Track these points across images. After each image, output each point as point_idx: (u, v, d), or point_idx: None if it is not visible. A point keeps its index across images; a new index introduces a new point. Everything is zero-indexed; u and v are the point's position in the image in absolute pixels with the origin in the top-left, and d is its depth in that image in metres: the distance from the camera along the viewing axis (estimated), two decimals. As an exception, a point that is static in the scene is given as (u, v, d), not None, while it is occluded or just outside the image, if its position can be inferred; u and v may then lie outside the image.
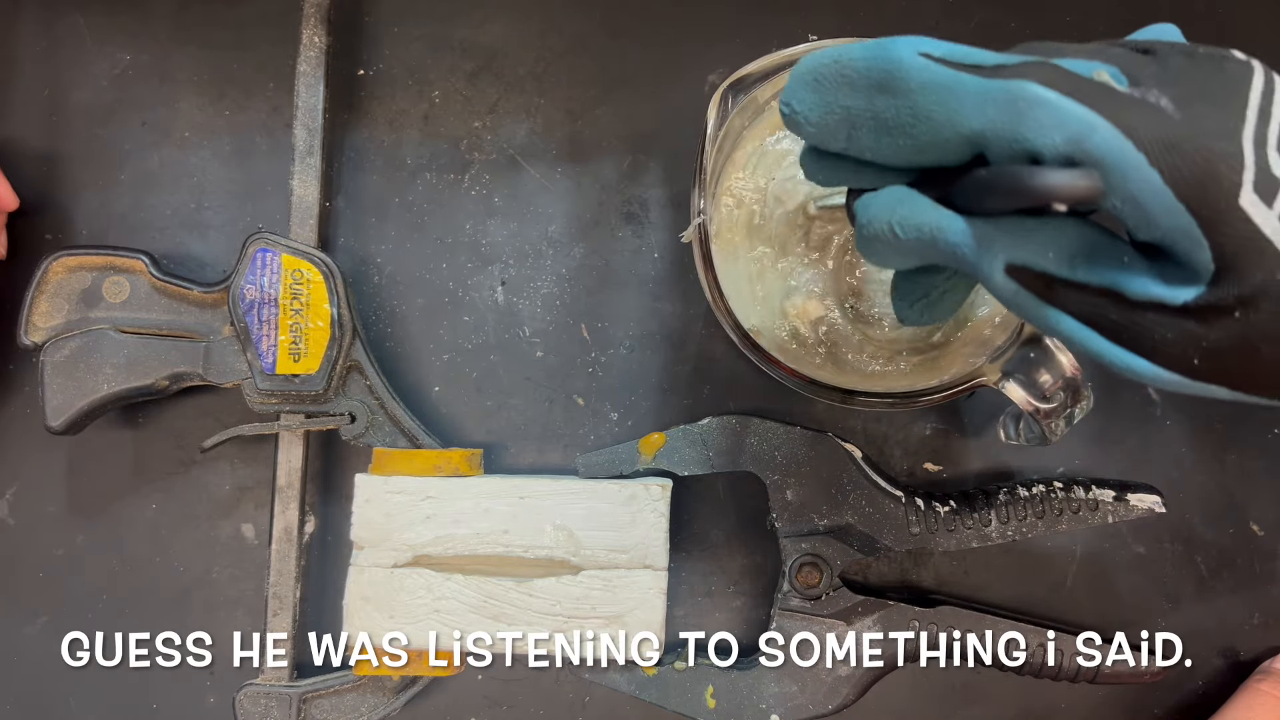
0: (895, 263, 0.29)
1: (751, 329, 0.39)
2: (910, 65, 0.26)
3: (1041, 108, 0.24)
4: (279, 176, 0.47)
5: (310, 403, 0.43)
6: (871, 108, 0.27)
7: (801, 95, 0.28)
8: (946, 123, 0.25)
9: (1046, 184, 0.23)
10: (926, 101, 0.26)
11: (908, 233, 0.27)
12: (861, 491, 0.43)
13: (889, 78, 0.26)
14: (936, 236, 0.26)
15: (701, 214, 0.37)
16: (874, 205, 0.28)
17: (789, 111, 0.29)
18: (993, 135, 0.25)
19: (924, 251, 0.27)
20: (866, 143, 0.27)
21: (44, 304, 0.43)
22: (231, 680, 0.46)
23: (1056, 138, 0.24)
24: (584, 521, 0.42)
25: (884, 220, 0.27)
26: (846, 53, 0.27)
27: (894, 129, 0.26)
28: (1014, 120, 0.24)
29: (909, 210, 0.27)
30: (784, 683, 0.42)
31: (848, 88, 0.27)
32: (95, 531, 0.47)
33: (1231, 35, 0.48)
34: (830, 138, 0.28)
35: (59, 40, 0.48)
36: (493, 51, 0.48)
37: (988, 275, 0.26)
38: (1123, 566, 0.46)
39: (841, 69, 0.27)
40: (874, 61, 0.27)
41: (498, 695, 0.46)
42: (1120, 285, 0.25)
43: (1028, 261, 0.25)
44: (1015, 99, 0.24)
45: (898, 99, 0.26)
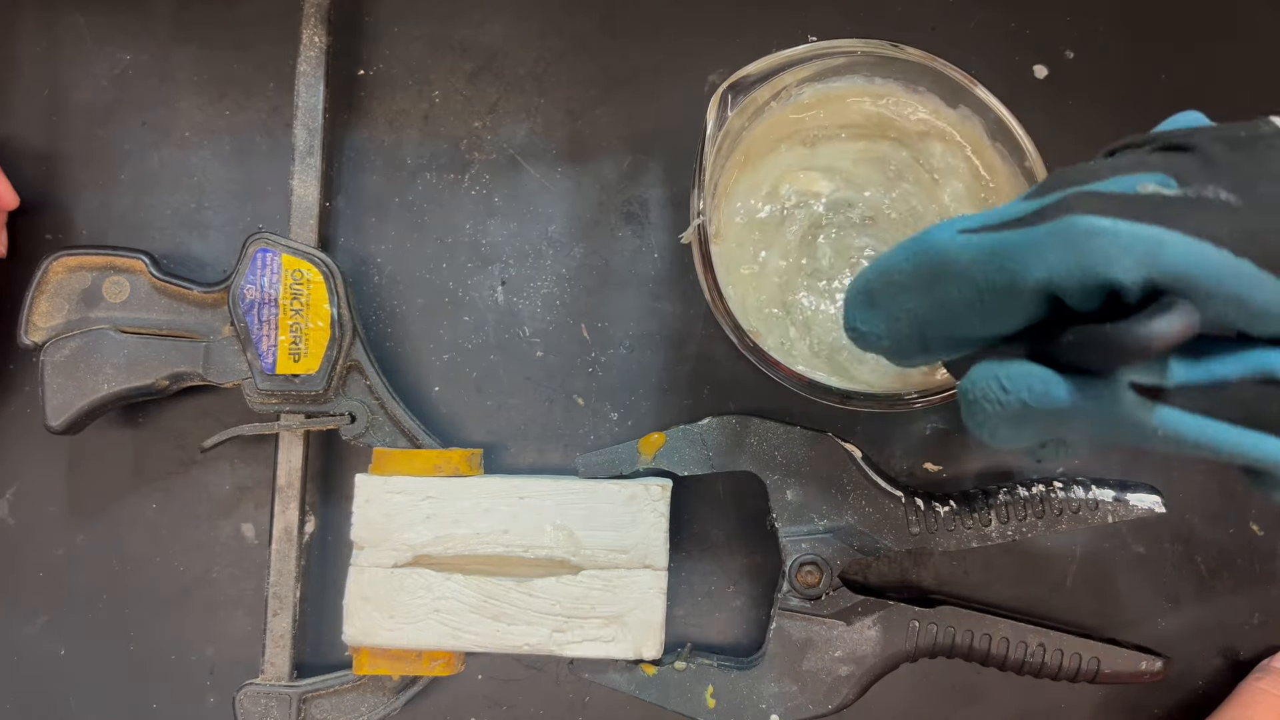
0: (1012, 433, 0.26)
1: (751, 329, 0.39)
2: (951, 246, 0.25)
3: (1100, 237, 0.23)
4: (279, 176, 0.47)
5: (310, 403, 0.43)
6: (933, 301, 0.26)
7: (862, 315, 0.28)
8: (1010, 285, 0.24)
9: (1147, 335, 0.22)
10: (983, 274, 0.25)
11: (1016, 386, 0.25)
12: (861, 491, 0.43)
13: (938, 268, 0.26)
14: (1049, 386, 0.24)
15: (701, 214, 0.37)
16: (977, 372, 0.26)
17: (856, 336, 0.28)
18: (1061, 280, 0.23)
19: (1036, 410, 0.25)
20: (943, 332, 0.27)
21: (44, 304, 0.43)
22: (231, 680, 0.46)
23: (1128, 263, 0.22)
24: (584, 521, 0.42)
25: (990, 379, 0.25)
26: (889, 261, 0.27)
27: (964, 311, 0.26)
28: (1076, 257, 0.23)
29: (1014, 369, 0.25)
30: (784, 683, 0.42)
31: (904, 293, 0.27)
32: (95, 531, 0.47)
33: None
34: (905, 342, 0.28)
35: (59, 40, 0.48)
36: (493, 51, 0.48)
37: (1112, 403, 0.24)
38: (1123, 566, 0.46)
39: (889, 278, 0.27)
40: (917, 258, 0.26)
41: (498, 695, 0.46)
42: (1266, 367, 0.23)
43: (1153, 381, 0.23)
44: (1069, 236, 0.23)
45: (955, 284, 0.25)
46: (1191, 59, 0.48)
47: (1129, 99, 0.48)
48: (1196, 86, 0.48)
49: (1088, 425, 0.25)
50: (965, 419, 0.27)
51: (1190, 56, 0.48)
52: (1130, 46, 0.48)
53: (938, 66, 0.40)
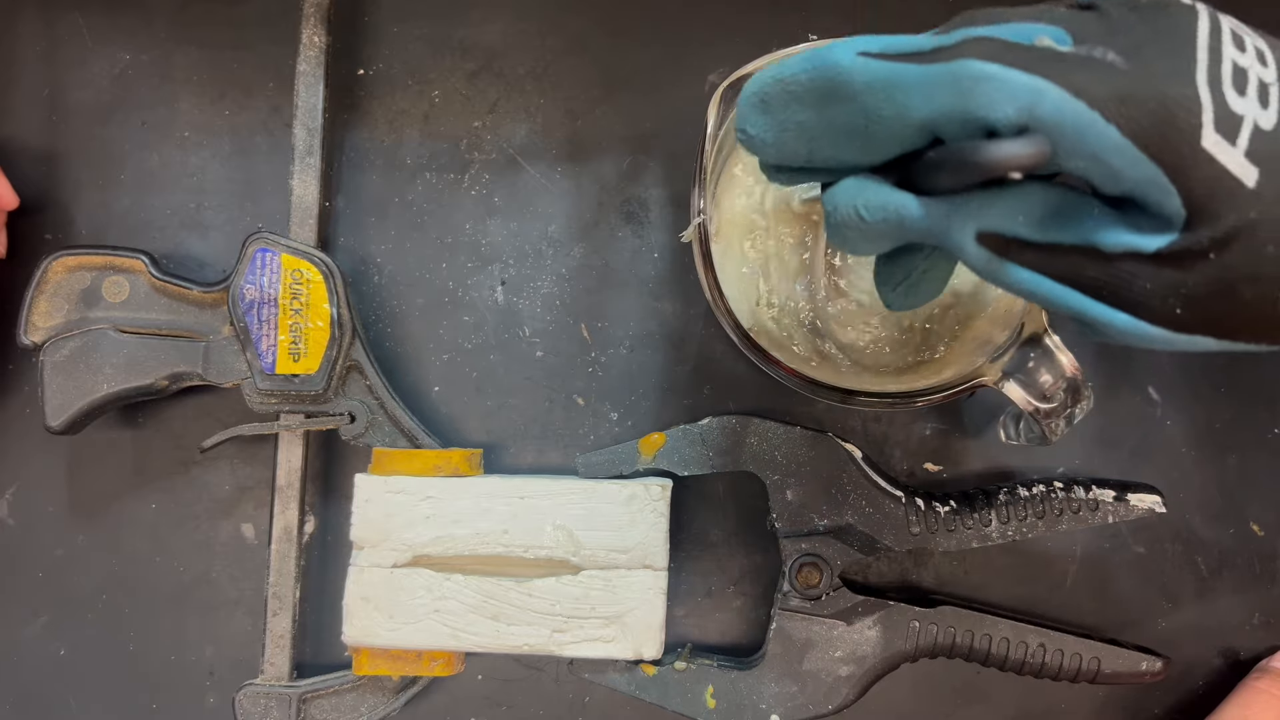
0: (867, 248, 0.29)
1: (751, 329, 0.39)
2: (850, 68, 0.26)
3: (987, 82, 0.24)
4: (279, 176, 0.47)
5: (310, 403, 0.43)
6: (825, 118, 0.27)
7: (753, 119, 0.28)
8: (897, 117, 0.25)
9: (993, 156, 0.23)
10: (874, 101, 0.26)
11: (873, 214, 0.27)
12: (861, 491, 0.43)
13: (832, 85, 0.26)
14: (901, 215, 0.26)
15: (701, 214, 0.37)
16: (838, 194, 0.28)
17: (744, 138, 0.29)
18: (943, 119, 0.25)
19: (892, 233, 0.27)
20: (828, 152, 0.28)
21: (44, 304, 0.43)
22: (231, 680, 0.46)
23: (1009, 110, 0.24)
24: (584, 521, 0.42)
25: (849, 205, 0.27)
26: (788, 69, 0.27)
27: (850, 133, 0.27)
28: (961, 100, 0.24)
29: (871, 194, 0.27)
30: (784, 683, 0.42)
31: (796, 103, 0.27)
32: (95, 531, 0.47)
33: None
34: (791, 154, 0.28)
35: (59, 40, 0.48)
36: (493, 51, 0.48)
37: (959, 246, 0.26)
38: (1123, 566, 0.46)
39: (786, 86, 0.27)
40: (815, 72, 0.27)
41: (498, 695, 0.46)
42: (1094, 239, 0.25)
43: (997, 228, 0.25)
44: (959, 79, 0.24)
45: (846, 104, 0.26)
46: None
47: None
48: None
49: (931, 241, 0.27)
50: (828, 233, 0.29)
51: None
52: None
53: (937, 66, 0.40)
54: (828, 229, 0.29)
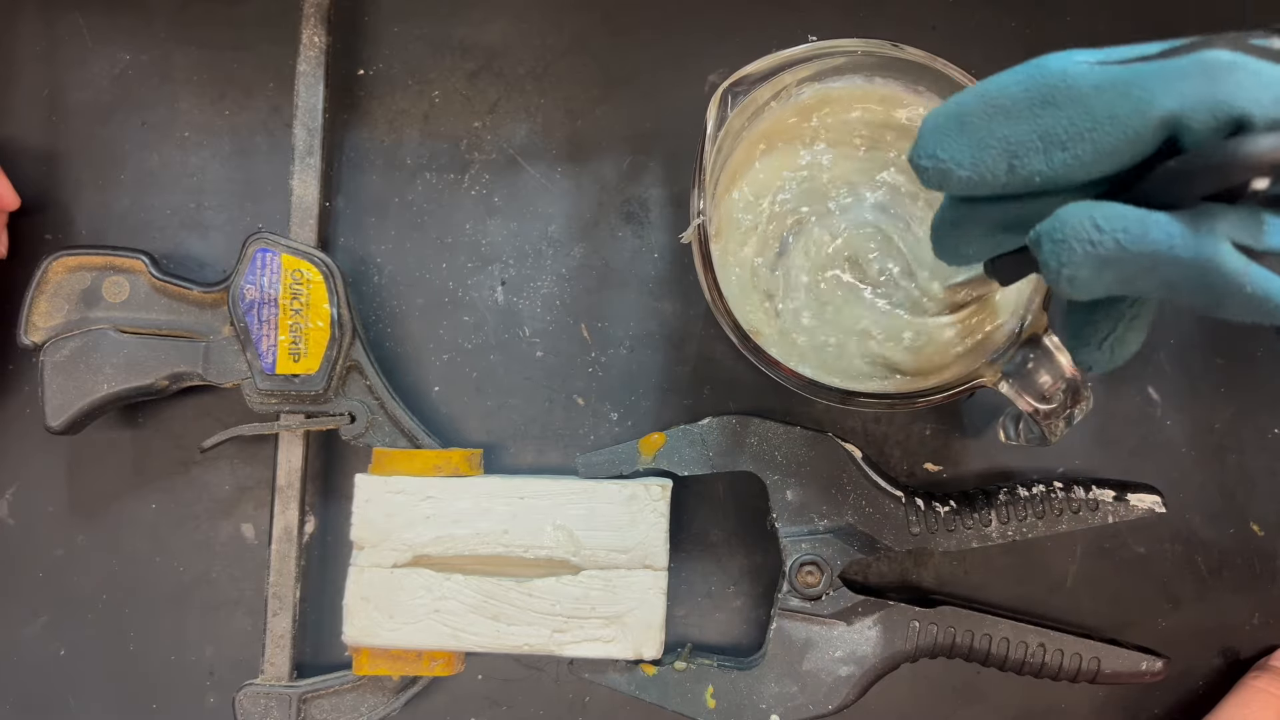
0: (1092, 281, 0.25)
1: (751, 329, 0.39)
2: (1075, 72, 0.25)
3: (1239, 71, 0.23)
4: (279, 176, 0.47)
5: (310, 403, 0.43)
6: (1038, 128, 0.25)
7: (946, 143, 0.26)
8: (1135, 112, 0.24)
9: (1258, 149, 0.22)
10: (1106, 100, 0.24)
11: (1112, 226, 0.24)
12: (861, 491, 0.43)
13: (1053, 91, 0.25)
14: (1148, 226, 0.24)
15: (701, 214, 0.37)
16: (1065, 214, 0.25)
17: (933, 164, 0.27)
18: (1191, 109, 0.23)
19: (1130, 253, 0.24)
20: (1035, 166, 0.25)
21: (44, 304, 0.43)
22: (231, 680, 0.46)
23: (1264, 97, 0.22)
24: (584, 521, 0.42)
25: (1082, 220, 0.25)
26: (992, 84, 0.26)
27: (1070, 141, 0.25)
28: (1212, 87, 0.23)
29: (1108, 210, 0.25)
30: (784, 683, 0.42)
31: (1003, 117, 0.26)
32: (95, 531, 0.47)
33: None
34: (987, 177, 0.26)
35: (59, 40, 0.48)
36: (493, 51, 0.48)
37: (1213, 257, 0.23)
38: (1123, 566, 0.46)
39: (991, 100, 0.26)
40: (1032, 80, 0.25)
41: (498, 695, 0.46)
42: None
43: (1242, 240, 0.24)
44: (1209, 69, 0.23)
45: (1070, 109, 0.25)
46: (1191, 59, 0.48)
47: (1129, 99, 0.48)
48: (1196, 86, 0.48)
49: (1175, 273, 0.24)
50: (1047, 260, 0.25)
51: (1190, 56, 0.48)
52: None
53: (938, 66, 0.40)
54: (1048, 255, 0.26)
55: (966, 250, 0.30)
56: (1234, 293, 0.24)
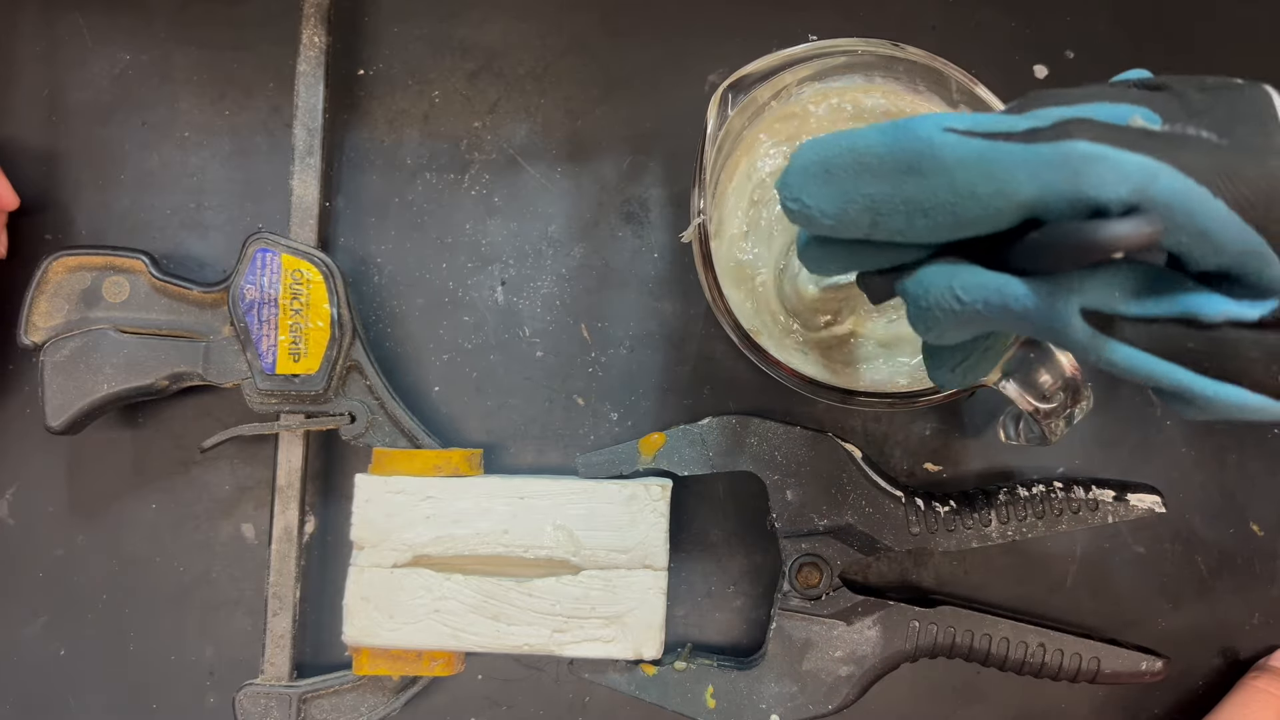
0: (954, 335, 0.28)
1: (751, 329, 0.39)
2: (941, 143, 0.25)
3: (1099, 163, 0.23)
4: (279, 176, 0.47)
5: (310, 403, 0.43)
6: (901, 193, 0.26)
7: (811, 189, 0.27)
8: (996, 194, 0.24)
9: (1112, 236, 0.23)
10: (968, 177, 0.25)
11: (972, 296, 0.26)
12: (861, 491, 0.43)
13: (918, 158, 0.25)
14: (1004, 296, 0.25)
15: (701, 214, 0.37)
16: (928, 277, 0.27)
17: (799, 208, 0.27)
18: (1052, 198, 0.24)
19: (988, 318, 0.26)
20: (896, 227, 0.26)
21: (44, 304, 0.43)
22: (231, 680, 0.46)
23: (1122, 190, 0.23)
24: (584, 521, 0.42)
25: (944, 289, 0.26)
26: (860, 139, 0.26)
27: (931, 210, 0.25)
28: (1072, 180, 0.23)
29: (968, 277, 0.26)
30: (784, 683, 0.42)
31: (868, 175, 0.26)
32: (95, 531, 0.47)
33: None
34: (850, 228, 0.27)
35: (59, 40, 0.48)
36: (493, 51, 0.48)
37: (1063, 326, 0.25)
38: (1123, 566, 0.46)
39: (858, 157, 0.26)
40: (898, 145, 0.25)
41: (498, 695, 0.46)
42: (1193, 310, 0.24)
43: (1097, 305, 0.25)
44: (1069, 159, 0.24)
45: (932, 179, 0.25)
46: (1191, 59, 0.48)
47: (1129, 99, 0.48)
48: (1196, 86, 0.48)
49: (1033, 332, 0.26)
50: (911, 318, 0.28)
51: (1190, 57, 0.48)
52: (1130, 46, 0.48)
53: (938, 66, 0.40)
54: (911, 314, 0.27)
55: (833, 270, 0.31)
56: (1085, 358, 0.26)
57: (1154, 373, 0.25)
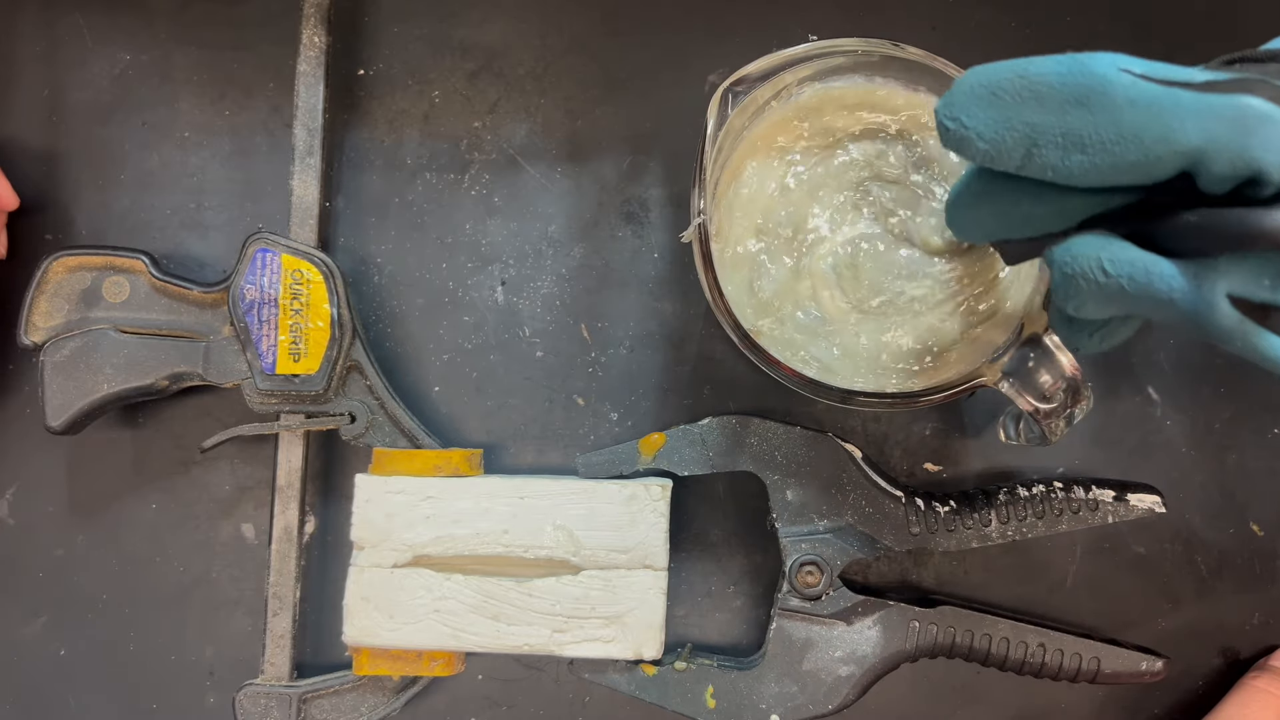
0: (1093, 310, 0.27)
1: (751, 329, 0.39)
2: (1116, 80, 0.24)
3: (1271, 126, 0.23)
4: (279, 176, 0.47)
5: (310, 403, 0.43)
6: (1064, 124, 0.25)
7: (973, 110, 0.26)
8: (1160, 139, 0.24)
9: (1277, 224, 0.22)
10: (1136, 117, 0.24)
11: (1119, 271, 0.25)
12: (861, 491, 0.43)
13: (1089, 93, 0.25)
14: (1151, 275, 0.25)
15: (701, 214, 0.37)
16: (1078, 247, 0.26)
17: (956, 127, 0.27)
18: (1215, 151, 0.23)
19: (1131, 297, 0.26)
20: (1051, 160, 0.26)
21: (44, 304, 0.43)
22: (231, 680, 0.46)
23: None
24: (584, 521, 0.42)
25: (1091, 258, 0.26)
26: (1034, 66, 0.26)
27: (1090, 146, 0.25)
28: (1241, 136, 0.23)
29: (1118, 251, 0.25)
30: (784, 683, 0.42)
31: (1035, 102, 0.25)
32: (95, 531, 0.47)
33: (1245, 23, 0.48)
34: (1006, 156, 0.26)
35: (59, 40, 0.48)
36: (493, 51, 0.48)
37: (1208, 309, 0.25)
38: (1123, 566, 0.46)
39: (1029, 83, 0.25)
40: (1072, 76, 0.25)
41: (498, 695, 0.46)
42: None
43: (1245, 293, 0.24)
44: (1243, 114, 0.23)
45: (1099, 115, 0.25)
46: (1191, 59, 0.48)
47: (1129, 99, 0.48)
48: (1196, 86, 0.48)
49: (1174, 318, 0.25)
50: (1056, 288, 0.27)
51: (1190, 57, 0.48)
52: (1130, 46, 0.48)
53: (938, 66, 0.40)
54: (1057, 284, 0.27)
55: (977, 227, 0.30)
56: (1227, 343, 0.25)
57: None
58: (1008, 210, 0.28)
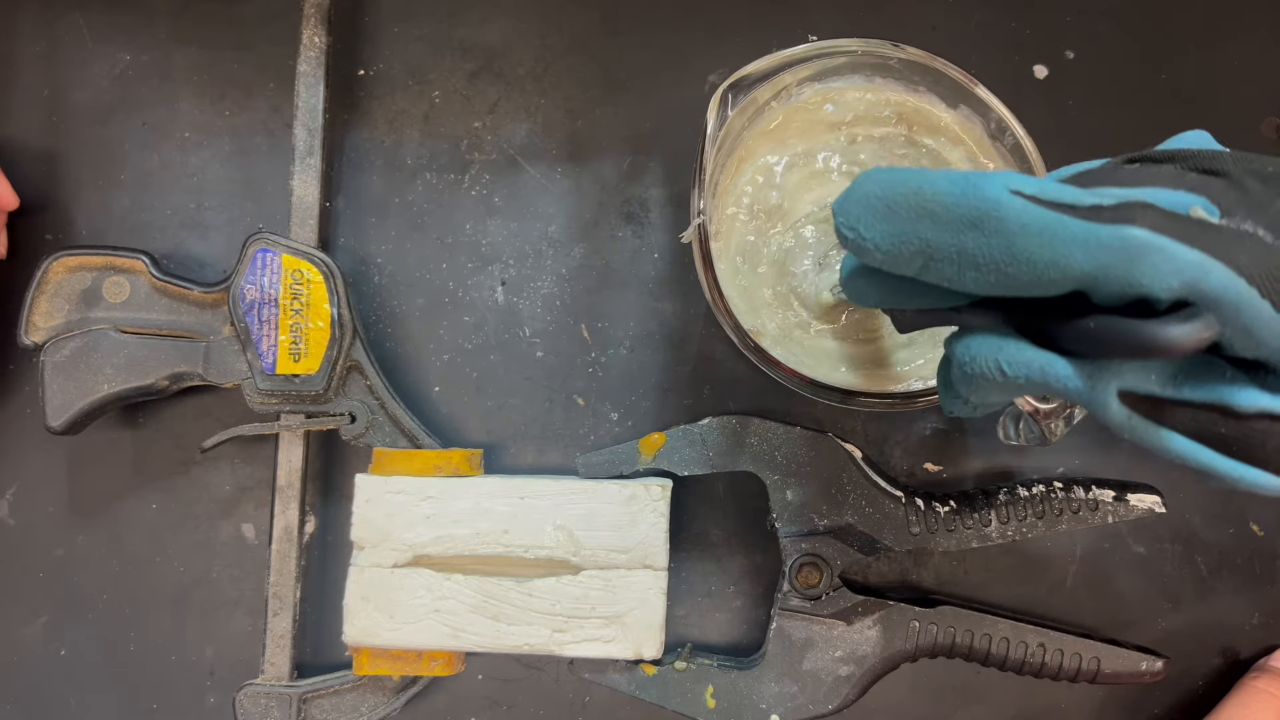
0: (996, 399, 0.29)
1: (751, 329, 0.39)
2: (1008, 205, 0.25)
3: (1155, 254, 0.24)
4: (279, 176, 0.47)
5: (310, 403, 0.43)
6: (958, 244, 0.26)
7: (868, 221, 0.27)
8: (1051, 264, 0.25)
9: (1169, 337, 0.24)
10: (1028, 244, 0.25)
11: (1016, 373, 0.27)
12: (861, 491, 0.43)
13: (982, 216, 0.25)
14: (1047, 375, 0.26)
15: (701, 214, 0.37)
16: (976, 347, 0.28)
17: (854, 236, 0.27)
18: (1104, 279, 0.24)
19: (1029, 388, 0.27)
20: (945, 274, 0.27)
21: (44, 304, 0.43)
22: (231, 680, 0.46)
23: (1173, 282, 0.24)
24: (584, 521, 0.42)
25: (990, 359, 0.27)
26: (928, 183, 0.26)
27: (984, 266, 0.26)
28: (1126, 266, 0.24)
29: (1014, 352, 0.27)
30: (784, 683, 0.42)
31: (929, 220, 0.26)
32: (95, 531, 0.47)
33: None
34: (901, 266, 0.27)
35: (59, 40, 0.48)
36: (493, 51, 0.48)
37: (1101, 406, 0.26)
38: (1123, 566, 0.46)
39: (923, 201, 0.26)
40: (965, 199, 0.26)
41: (498, 695, 0.46)
42: (1227, 399, 0.25)
43: (1135, 387, 0.26)
44: (1127, 245, 0.24)
45: (992, 239, 0.25)
46: (1191, 59, 0.48)
47: (1129, 99, 0.48)
48: (1196, 87, 0.48)
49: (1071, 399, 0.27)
50: (955, 380, 0.29)
51: (1190, 57, 0.48)
52: (1130, 46, 0.48)
53: (938, 66, 0.40)
54: (955, 375, 0.29)
55: (870, 297, 0.31)
56: (1121, 435, 0.27)
57: (1185, 453, 0.27)
58: (900, 288, 0.30)
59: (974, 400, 0.30)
